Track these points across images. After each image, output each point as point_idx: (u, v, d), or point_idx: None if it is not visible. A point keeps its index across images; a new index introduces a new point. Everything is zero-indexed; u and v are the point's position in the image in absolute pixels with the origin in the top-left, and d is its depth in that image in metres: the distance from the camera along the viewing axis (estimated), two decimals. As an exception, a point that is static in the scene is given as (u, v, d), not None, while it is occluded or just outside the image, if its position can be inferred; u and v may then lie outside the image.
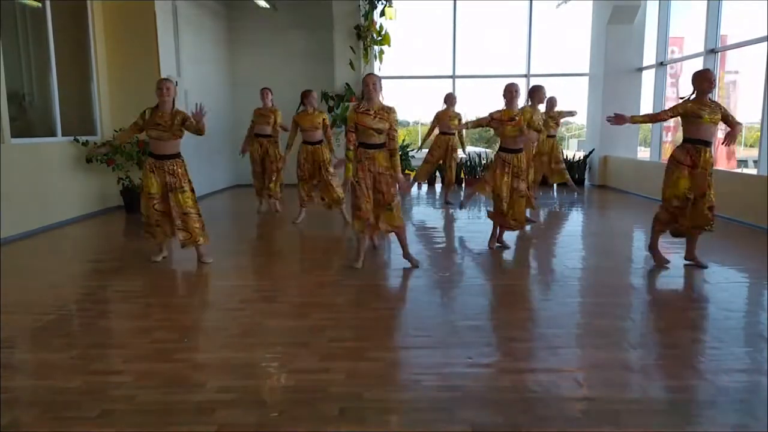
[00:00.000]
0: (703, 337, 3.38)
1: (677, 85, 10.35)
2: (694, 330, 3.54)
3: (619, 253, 5.44)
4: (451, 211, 8.01)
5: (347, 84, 10.27)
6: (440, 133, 8.45)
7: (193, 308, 4.05)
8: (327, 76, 10.52)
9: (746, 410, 2.51)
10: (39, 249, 5.92)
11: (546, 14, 11.13)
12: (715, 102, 4.62)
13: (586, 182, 11.10)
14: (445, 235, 6.72)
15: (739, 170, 9.74)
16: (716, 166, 5.03)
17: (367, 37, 10.02)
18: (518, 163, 5.35)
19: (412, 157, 11.01)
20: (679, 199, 4.65)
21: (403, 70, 11.35)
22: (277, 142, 7.80)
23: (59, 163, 7.09)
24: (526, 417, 2.42)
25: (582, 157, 11.11)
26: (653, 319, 3.76)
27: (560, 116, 8.80)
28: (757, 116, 7.27)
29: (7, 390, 2.68)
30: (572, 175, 9.97)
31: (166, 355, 3.08)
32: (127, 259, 5.45)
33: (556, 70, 11.45)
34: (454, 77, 11.30)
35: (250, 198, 9.02)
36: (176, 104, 4.97)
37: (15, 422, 2.41)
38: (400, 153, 5.56)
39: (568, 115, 9.16)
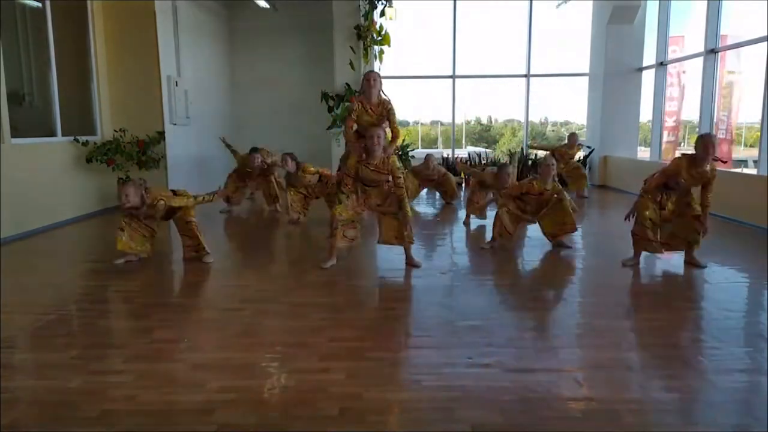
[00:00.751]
0: (703, 337, 3.38)
1: (678, 84, 10.34)
2: (694, 330, 3.54)
3: (619, 253, 5.40)
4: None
5: (347, 84, 10.26)
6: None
7: (193, 308, 4.05)
8: (327, 76, 10.52)
9: (746, 410, 2.51)
10: (39, 249, 5.92)
11: (546, 14, 11.14)
12: (706, 171, 4.56)
13: (587, 182, 11.09)
14: (445, 235, 6.71)
15: (739, 170, 9.72)
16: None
17: (367, 37, 10.02)
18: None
19: (412, 157, 11.01)
20: (651, 221, 4.80)
21: (403, 70, 11.34)
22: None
23: (59, 163, 7.09)
24: (526, 417, 2.42)
25: (582, 157, 11.10)
26: (653, 319, 3.75)
27: (578, 150, 9.44)
28: (757, 116, 7.27)
29: (7, 390, 2.68)
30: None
31: (166, 355, 3.08)
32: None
33: (556, 70, 11.46)
34: (454, 77, 11.29)
35: (250, 198, 9.03)
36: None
37: (15, 422, 2.41)
38: (399, 153, 5.59)
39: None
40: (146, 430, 2.34)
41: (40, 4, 6.87)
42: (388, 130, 5.15)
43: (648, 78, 10.45)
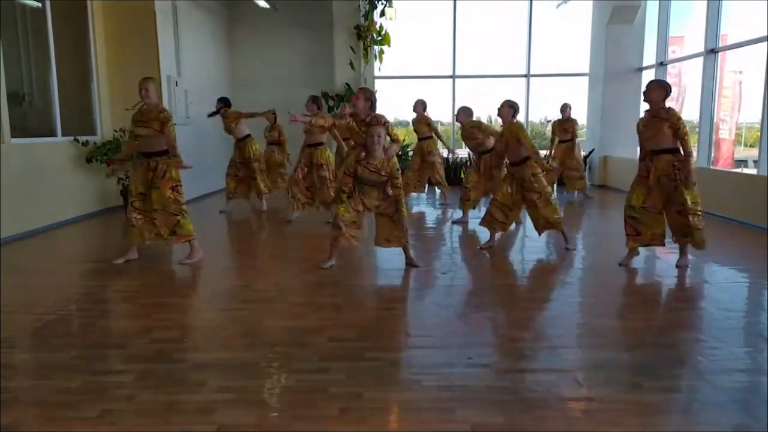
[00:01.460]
0: (703, 337, 3.38)
1: (679, 84, 10.34)
2: (694, 330, 3.54)
3: (618, 253, 5.40)
4: (450, 211, 8.01)
5: (347, 84, 10.27)
6: (418, 139, 8.59)
7: (192, 308, 4.05)
8: (327, 76, 10.52)
9: (746, 410, 2.51)
10: (39, 249, 5.92)
11: (546, 14, 11.13)
12: (666, 111, 4.54)
13: (587, 182, 11.07)
14: (444, 235, 6.72)
15: (739, 170, 9.72)
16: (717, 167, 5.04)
17: (367, 37, 10.03)
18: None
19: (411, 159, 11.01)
20: (634, 210, 4.77)
21: (403, 70, 11.34)
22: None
23: (59, 163, 7.09)
24: (526, 417, 2.42)
25: (582, 157, 11.09)
26: (653, 319, 3.75)
27: (571, 125, 9.01)
28: (757, 116, 7.27)
29: (7, 390, 2.68)
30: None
31: (166, 355, 3.08)
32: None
33: (556, 70, 11.46)
34: (454, 77, 11.29)
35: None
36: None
37: (15, 422, 2.41)
38: (399, 153, 5.59)
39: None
40: (146, 430, 2.34)
41: (40, 4, 6.87)
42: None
43: (648, 78, 10.42)
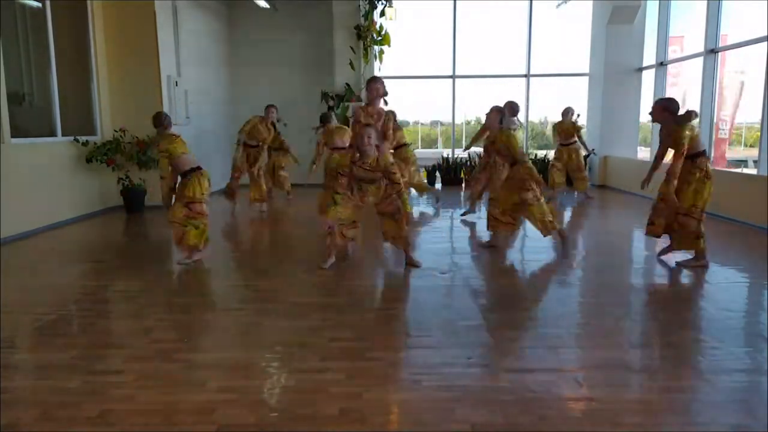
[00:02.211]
0: (703, 337, 3.38)
1: (678, 84, 10.34)
2: (694, 330, 3.54)
3: (618, 252, 5.44)
4: (450, 211, 8.01)
5: (347, 84, 10.26)
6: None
7: (192, 308, 4.05)
8: (327, 76, 10.52)
9: (746, 410, 2.51)
10: (39, 249, 5.92)
11: (546, 14, 11.13)
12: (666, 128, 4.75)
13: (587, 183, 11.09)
14: (444, 235, 6.72)
15: (739, 170, 9.73)
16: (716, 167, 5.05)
17: (367, 37, 10.03)
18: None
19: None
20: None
21: (403, 70, 11.34)
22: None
23: (59, 163, 7.09)
24: (526, 417, 2.42)
25: (582, 157, 11.09)
26: (653, 319, 3.75)
27: (572, 126, 8.98)
28: (757, 116, 7.27)
29: (7, 390, 2.68)
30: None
31: (166, 355, 3.08)
32: (127, 259, 5.46)
33: (556, 70, 11.46)
34: (453, 77, 11.29)
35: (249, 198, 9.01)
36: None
37: (15, 422, 2.41)
38: (393, 150, 5.59)
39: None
40: (146, 430, 2.34)
41: (40, 4, 6.87)
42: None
43: (648, 78, 10.45)
